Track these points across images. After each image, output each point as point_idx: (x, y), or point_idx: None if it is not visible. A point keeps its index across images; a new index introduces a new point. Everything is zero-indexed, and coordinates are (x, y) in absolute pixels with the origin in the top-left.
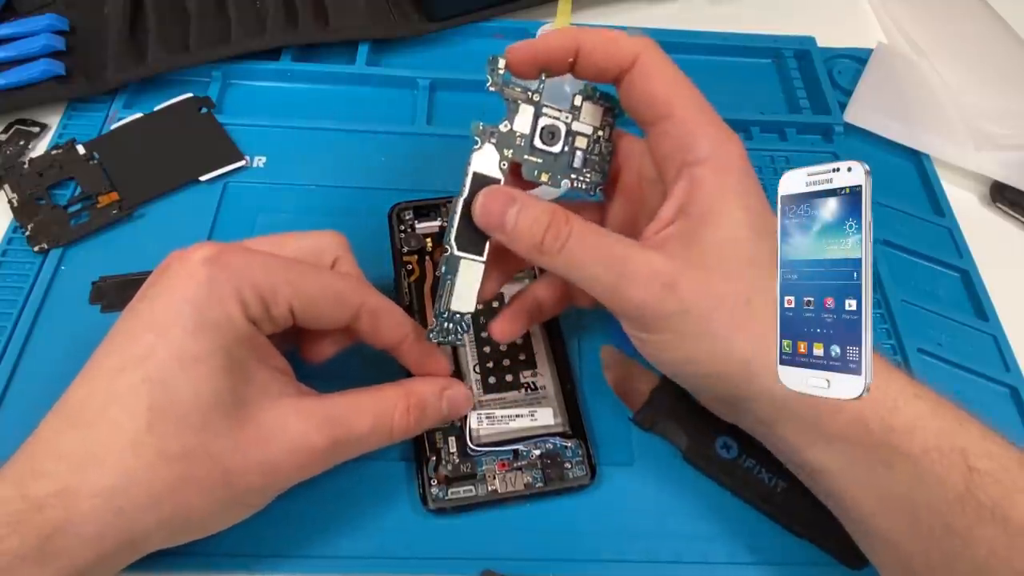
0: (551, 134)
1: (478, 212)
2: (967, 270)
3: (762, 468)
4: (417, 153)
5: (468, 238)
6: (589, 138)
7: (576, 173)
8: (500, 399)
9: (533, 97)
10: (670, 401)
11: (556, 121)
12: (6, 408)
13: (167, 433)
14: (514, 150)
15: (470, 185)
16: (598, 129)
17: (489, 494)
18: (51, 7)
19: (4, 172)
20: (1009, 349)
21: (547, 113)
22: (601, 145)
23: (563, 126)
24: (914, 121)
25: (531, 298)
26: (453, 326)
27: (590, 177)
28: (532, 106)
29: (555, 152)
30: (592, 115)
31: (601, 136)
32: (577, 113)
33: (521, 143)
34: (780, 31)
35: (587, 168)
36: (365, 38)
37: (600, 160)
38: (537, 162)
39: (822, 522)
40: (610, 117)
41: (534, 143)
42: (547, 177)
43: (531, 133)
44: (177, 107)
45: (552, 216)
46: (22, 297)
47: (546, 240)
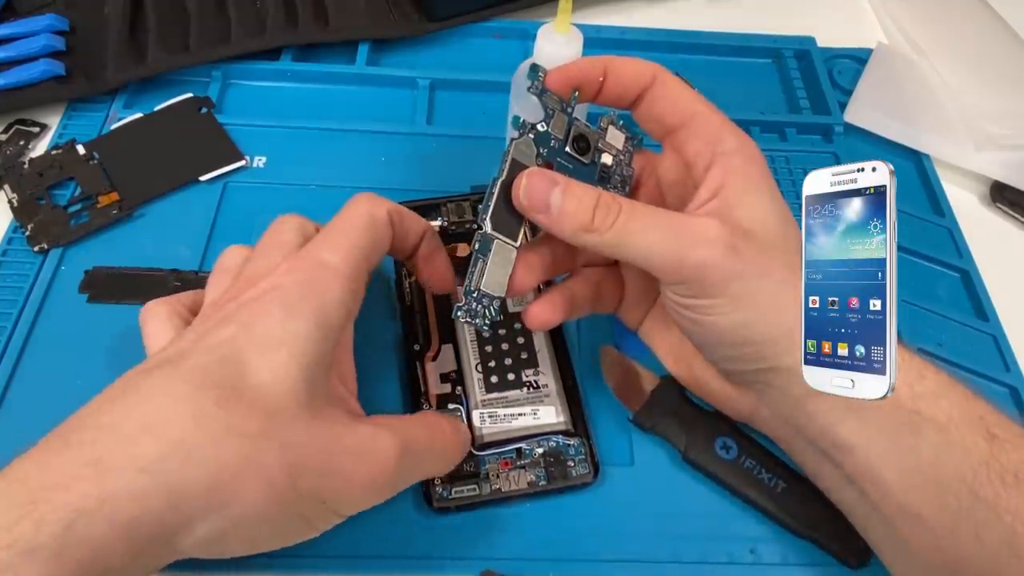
0: (584, 143)
1: (522, 192)
2: (967, 270)
3: (762, 468)
4: (417, 153)
5: (503, 220)
6: (614, 158)
7: (601, 187)
8: (502, 398)
9: (567, 109)
10: (669, 402)
11: (587, 134)
12: (6, 408)
13: (238, 410)
14: (549, 150)
15: (508, 169)
16: (620, 152)
17: (492, 493)
18: (51, 7)
19: (4, 172)
20: (1009, 349)
21: (578, 126)
22: (623, 168)
23: (592, 140)
24: (914, 121)
25: (568, 291)
26: (482, 308)
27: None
28: (567, 116)
29: (584, 162)
30: (616, 138)
31: (623, 161)
32: (604, 134)
33: (556, 145)
34: (780, 31)
35: (610, 186)
36: (365, 38)
37: (622, 181)
38: (568, 167)
39: (822, 522)
40: (631, 145)
41: (567, 149)
42: None
43: (564, 139)
44: (177, 107)
45: (600, 195)
46: (22, 297)
47: (596, 218)
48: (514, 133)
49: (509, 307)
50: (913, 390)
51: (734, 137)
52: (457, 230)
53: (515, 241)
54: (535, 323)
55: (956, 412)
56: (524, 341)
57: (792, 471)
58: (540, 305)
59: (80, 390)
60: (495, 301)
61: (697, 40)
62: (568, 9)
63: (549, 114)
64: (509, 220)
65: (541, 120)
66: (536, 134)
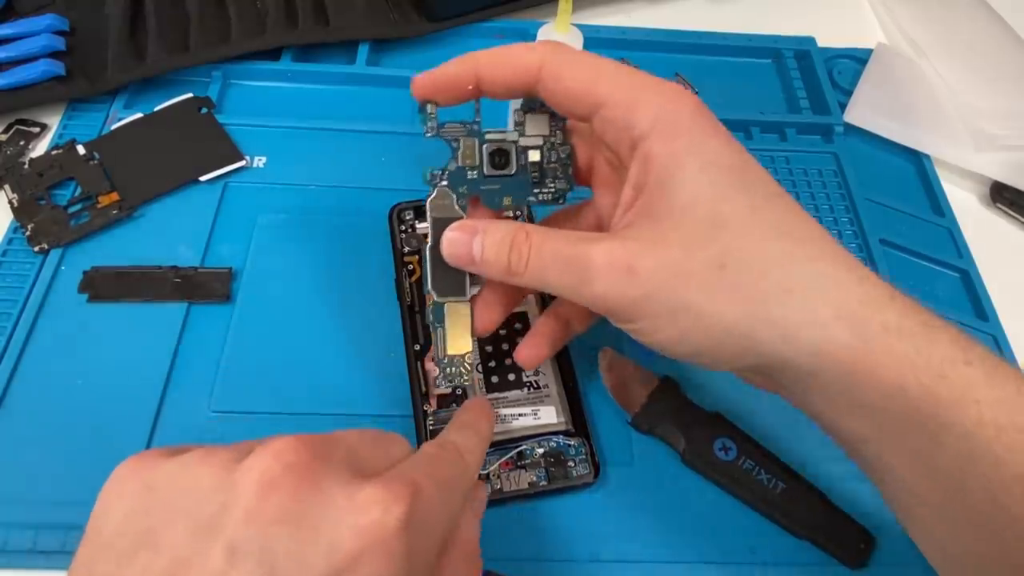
0: (501, 157)
1: (446, 252)
2: (967, 270)
3: (761, 469)
4: (417, 153)
5: (446, 282)
6: (542, 149)
7: (539, 187)
8: (503, 398)
9: (472, 127)
10: (668, 404)
11: (503, 143)
12: (6, 408)
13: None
14: (467, 185)
15: (433, 230)
16: (549, 137)
17: (493, 493)
18: (51, 7)
19: (4, 172)
20: (1009, 349)
21: (491, 139)
22: (557, 151)
23: (511, 146)
24: (914, 121)
25: (552, 320)
26: (456, 370)
27: (555, 186)
28: (474, 137)
29: (511, 173)
30: (537, 125)
31: (555, 142)
32: (522, 128)
33: (474, 175)
34: (780, 31)
35: (549, 179)
36: (365, 38)
37: (560, 166)
38: (495, 189)
39: (822, 522)
40: (558, 120)
41: (486, 172)
42: (510, 201)
43: (481, 163)
44: (177, 107)
45: (513, 236)
46: (22, 297)
47: (511, 262)
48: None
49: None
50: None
51: (645, 112)
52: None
53: (464, 295)
54: (528, 365)
55: (989, 417)
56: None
57: (791, 471)
58: (526, 349)
59: (80, 390)
60: (467, 357)
61: (697, 40)
62: (568, 10)
63: (454, 148)
64: (452, 279)
65: (451, 159)
66: (448, 176)
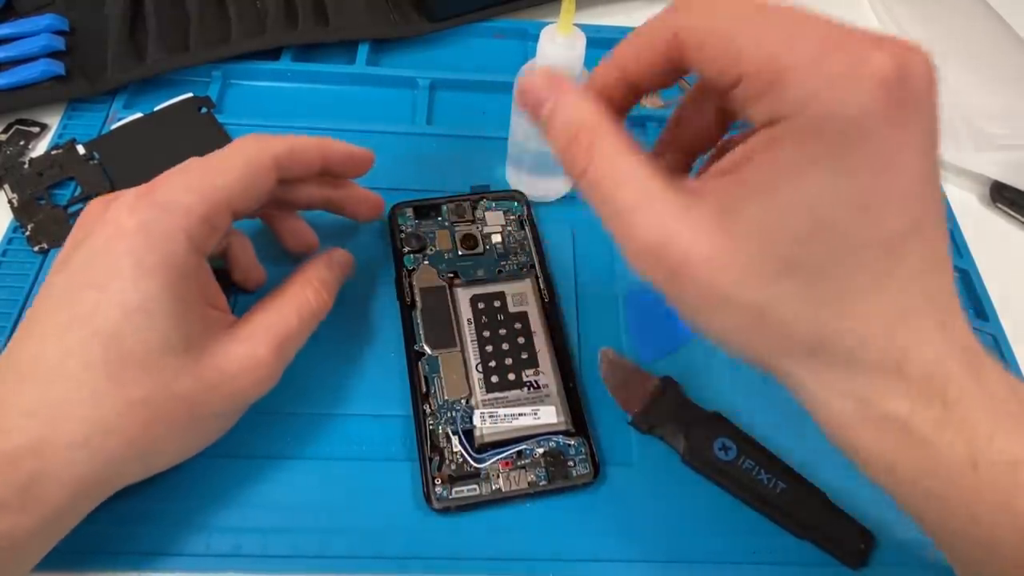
0: (471, 240)
1: (523, 87)
2: (967, 270)
3: (761, 469)
4: (417, 153)
5: (437, 335)
6: (502, 233)
7: (505, 260)
8: (503, 398)
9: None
10: (668, 404)
11: (470, 231)
12: None
13: (127, 381)
14: (445, 264)
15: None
16: (505, 226)
17: (493, 493)
18: (51, 7)
19: (4, 172)
20: (1009, 349)
21: (459, 229)
22: (514, 235)
23: (478, 232)
24: None
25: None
26: (457, 414)
27: (518, 260)
28: (446, 228)
29: (481, 253)
30: (494, 219)
31: (511, 231)
32: (483, 222)
33: (449, 256)
34: None
35: (512, 254)
36: (365, 38)
37: (519, 246)
38: (468, 264)
39: (822, 522)
40: (511, 215)
41: (460, 253)
42: (483, 272)
43: (455, 245)
44: (177, 107)
45: (578, 130)
46: (22, 297)
47: (569, 154)
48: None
49: (510, 307)
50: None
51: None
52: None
53: (456, 347)
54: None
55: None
56: (524, 341)
57: (791, 471)
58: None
59: None
60: (462, 400)
61: None
62: (571, 10)
63: (430, 239)
64: (442, 331)
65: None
66: (428, 258)
